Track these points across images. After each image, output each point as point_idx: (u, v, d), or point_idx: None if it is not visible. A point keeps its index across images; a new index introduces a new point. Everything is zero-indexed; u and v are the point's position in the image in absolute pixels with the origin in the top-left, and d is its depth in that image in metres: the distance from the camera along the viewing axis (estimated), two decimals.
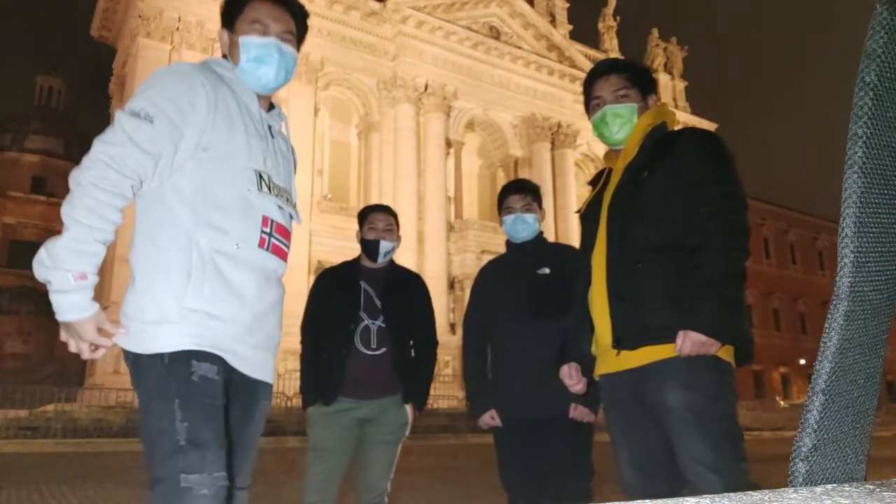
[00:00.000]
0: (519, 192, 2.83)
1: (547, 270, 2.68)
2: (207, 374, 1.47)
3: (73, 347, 1.42)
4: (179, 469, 1.39)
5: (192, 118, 1.51)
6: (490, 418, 2.69)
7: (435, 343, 3.00)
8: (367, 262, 2.96)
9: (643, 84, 2.14)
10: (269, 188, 1.61)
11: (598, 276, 2.01)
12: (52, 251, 1.37)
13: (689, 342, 1.75)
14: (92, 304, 1.41)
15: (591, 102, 2.18)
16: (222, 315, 1.51)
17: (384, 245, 2.89)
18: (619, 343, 1.91)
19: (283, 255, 1.66)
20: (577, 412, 2.53)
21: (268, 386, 1.73)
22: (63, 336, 1.43)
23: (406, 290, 2.96)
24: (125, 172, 1.43)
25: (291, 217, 1.73)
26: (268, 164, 1.62)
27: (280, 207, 1.64)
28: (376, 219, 2.95)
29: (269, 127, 1.70)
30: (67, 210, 1.41)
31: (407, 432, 2.86)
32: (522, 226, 2.77)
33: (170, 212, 1.52)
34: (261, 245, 1.57)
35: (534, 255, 2.76)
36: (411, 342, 2.92)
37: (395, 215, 3.03)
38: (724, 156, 1.92)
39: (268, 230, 1.59)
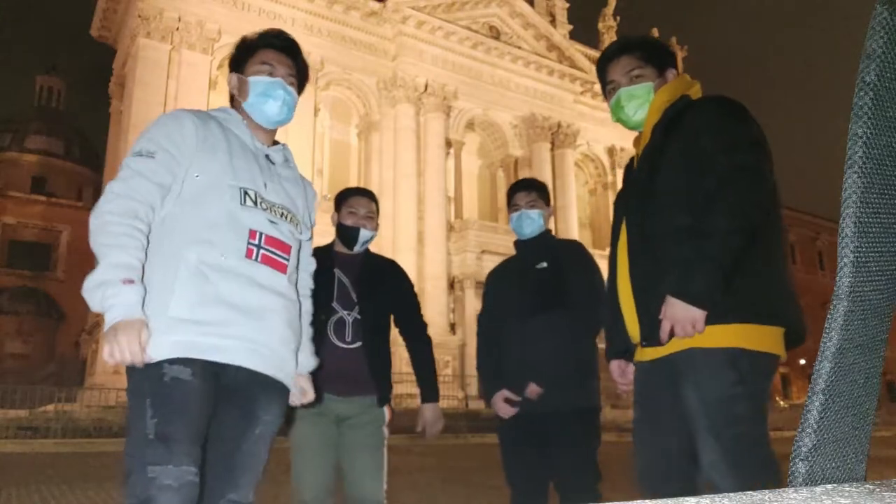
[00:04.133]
0: (524, 189, 2.87)
1: (545, 264, 2.70)
2: (179, 375, 1.55)
3: (114, 355, 1.47)
4: (147, 461, 1.47)
5: (185, 149, 1.68)
6: (503, 399, 2.63)
7: (425, 328, 2.80)
8: (341, 249, 2.72)
9: (658, 60, 2.02)
10: (256, 203, 1.72)
11: (622, 267, 1.94)
12: (93, 276, 1.50)
13: (672, 310, 1.65)
14: (139, 310, 1.51)
15: (606, 87, 2.08)
16: (210, 320, 1.60)
17: (364, 233, 2.67)
18: (647, 339, 1.83)
19: (277, 266, 1.74)
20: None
21: (274, 391, 1.74)
22: (106, 351, 1.49)
23: (384, 279, 2.73)
24: (136, 197, 1.59)
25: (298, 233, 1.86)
26: (258, 183, 1.76)
27: (272, 222, 1.75)
28: (358, 203, 2.70)
29: (268, 156, 1.86)
30: (94, 241, 1.54)
31: (387, 433, 2.64)
32: (527, 222, 2.79)
33: (168, 235, 1.65)
34: (248, 255, 1.68)
35: (536, 251, 2.78)
36: (389, 334, 2.73)
37: (376, 201, 2.78)
38: (735, 120, 1.78)
39: (256, 242, 1.70)
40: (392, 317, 2.78)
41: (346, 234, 2.69)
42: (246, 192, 1.72)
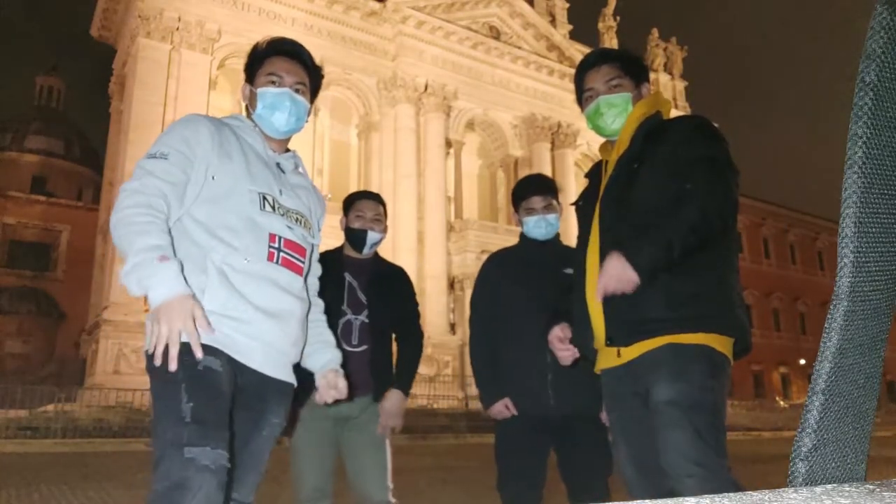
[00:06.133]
0: (541, 192, 2.78)
1: (570, 271, 2.63)
2: (211, 365, 1.58)
3: (163, 336, 1.47)
4: (184, 442, 1.48)
5: (199, 150, 1.70)
6: (504, 407, 2.61)
7: (421, 335, 2.85)
8: (350, 253, 2.78)
9: (635, 72, 2.09)
10: (274, 208, 1.76)
11: (592, 271, 1.97)
12: (126, 264, 1.50)
13: (610, 263, 1.73)
14: (184, 284, 1.51)
15: (583, 95, 2.14)
16: (239, 317, 1.65)
17: (372, 236, 2.73)
18: (612, 340, 1.88)
19: (295, 269, 1.79)
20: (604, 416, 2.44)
21: (282, 394, 1.79)
22: (152, 331, 1.49)
23: (391, 284, 2.81)
24: (148, 192, 1.60)
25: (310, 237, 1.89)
26: (274, 189, 1.79)
27: (289, 227, 1.79)
28: (365, 206, 2.77)
29: (278, 164, 1.88)
30: (117, 236, 1.56)
31: (390, 427, 2.64)
32: (547, 227, 2.74)
33: (189, 236, 1.68)
34: (270, 258, 1.72)
35: (557, 254, 2.71)
36: (393, 337, 2.78)
37: (384, 204, 2.85)
38: (715, 137, 1.88)
39: (276, 245, 1.74)
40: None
41: (355, 237, 2.74)
42: (264, 198, 1.75)
